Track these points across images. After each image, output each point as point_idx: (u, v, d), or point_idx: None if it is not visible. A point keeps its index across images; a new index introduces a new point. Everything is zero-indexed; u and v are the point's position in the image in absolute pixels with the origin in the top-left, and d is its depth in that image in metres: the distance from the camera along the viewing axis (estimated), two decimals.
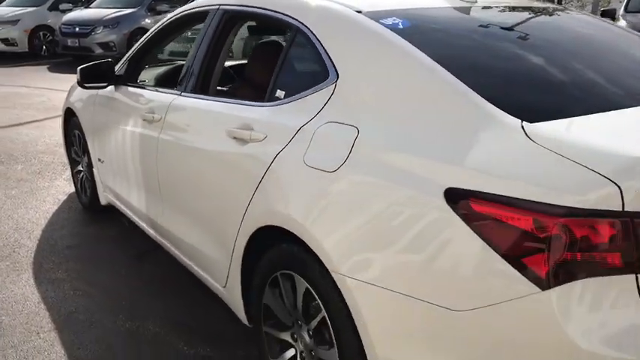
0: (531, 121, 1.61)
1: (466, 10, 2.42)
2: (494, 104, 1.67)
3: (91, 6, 13.80)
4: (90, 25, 12.51)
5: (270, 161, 2.13)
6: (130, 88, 3.41)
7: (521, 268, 1.43)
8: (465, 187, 1.53)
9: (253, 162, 2.22)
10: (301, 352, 2.16)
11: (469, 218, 1.51)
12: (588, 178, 1.40)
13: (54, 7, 14.17)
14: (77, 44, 12.57)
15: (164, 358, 2.62)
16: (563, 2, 16.38)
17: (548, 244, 1.40)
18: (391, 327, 1.71)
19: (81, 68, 3.42)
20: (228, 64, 3.63)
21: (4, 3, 14.68)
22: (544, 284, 1.41)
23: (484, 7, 2.49)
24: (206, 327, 2.84)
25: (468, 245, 1.51)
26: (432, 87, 1.82)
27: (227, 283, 2.51)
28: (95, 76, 3.45)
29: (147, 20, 12.72)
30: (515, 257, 1.44)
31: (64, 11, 13.88)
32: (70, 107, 4.22)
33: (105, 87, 3.52)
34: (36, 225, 4.06)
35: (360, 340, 1.78)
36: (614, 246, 1.39)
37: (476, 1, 2.50)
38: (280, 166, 2.10)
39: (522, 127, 1.58)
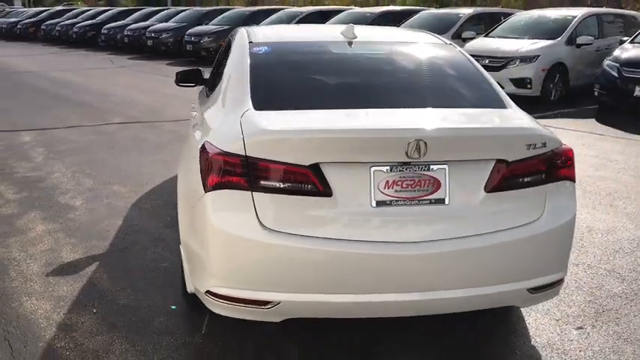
0: (257, 110, 2.76)
1: (326, 45, 3.51)
2: (253, 100, 2.85)
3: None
4: None
5: (190, 130, 3.53)
6: (204, 88, 5.03)
7: (204, 181, 2.62)
8: (207, 140, 2.76)
9: (190, 130, 3.63)
10: None
11: (200, 156, 2.73)
12: (237, 135, 2.55)
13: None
14: None
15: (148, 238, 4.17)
16: None
17: (213, 169, 2.57)
18: (183, 220, 2.99)
19: (177, 72, 5.15)
20: None
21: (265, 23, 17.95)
22: (207, 190, 2.58)
23: (347, 42, 3.49)
24: None
25: (197, 169, 2.73)
26: (237, 87, 3.05)
27: None
28: (188, 78, 5.13)
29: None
30: (203, 176, 2.63)
31: None
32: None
33: (193, 86, 5.20)
34: (162, 178, 5.96)
35: None
36: (240, 173, 2.51)
37: (355, 37, 3.51)
38: (189, 132, 3.48)
39: (245, 112, 2.75)
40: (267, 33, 3.74)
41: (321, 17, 16.56)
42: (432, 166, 2.56)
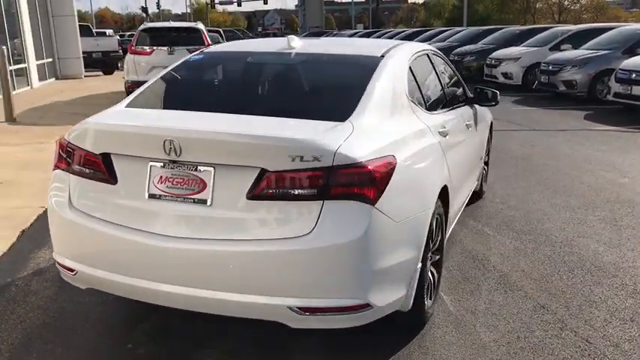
0: (127, 107, 3.28)
1: (250, 54, 3.74)
2: (134, 98, 3.32)
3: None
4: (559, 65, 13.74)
5: None
6: None
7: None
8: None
9: None
10: None
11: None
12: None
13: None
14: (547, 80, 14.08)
15: None
16: None
17: (56, 151, 3.07)
18: None
19: None
20: None
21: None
22: (52, 170, 3.11)
23: (279, 53, 3.67)
24: None
25: None
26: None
27: None
28: None
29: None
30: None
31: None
32: None
33: None
34: None
35: None
36: (64, 157, 3.01)
37: (293, 48, 3.61)
38: None
39: (113, 107, 3.19)
40: (229, 44, 4.13)
41: (589, 35, 14.98)
42: (199, 167, 2.66)
